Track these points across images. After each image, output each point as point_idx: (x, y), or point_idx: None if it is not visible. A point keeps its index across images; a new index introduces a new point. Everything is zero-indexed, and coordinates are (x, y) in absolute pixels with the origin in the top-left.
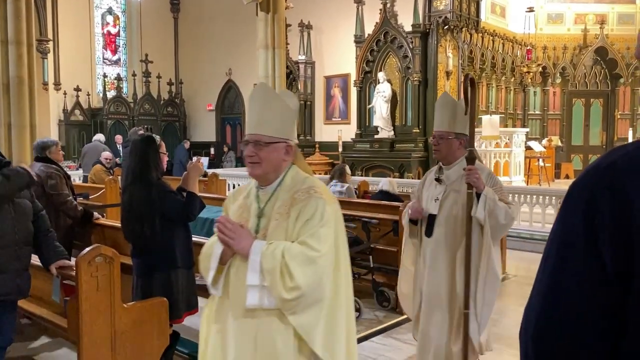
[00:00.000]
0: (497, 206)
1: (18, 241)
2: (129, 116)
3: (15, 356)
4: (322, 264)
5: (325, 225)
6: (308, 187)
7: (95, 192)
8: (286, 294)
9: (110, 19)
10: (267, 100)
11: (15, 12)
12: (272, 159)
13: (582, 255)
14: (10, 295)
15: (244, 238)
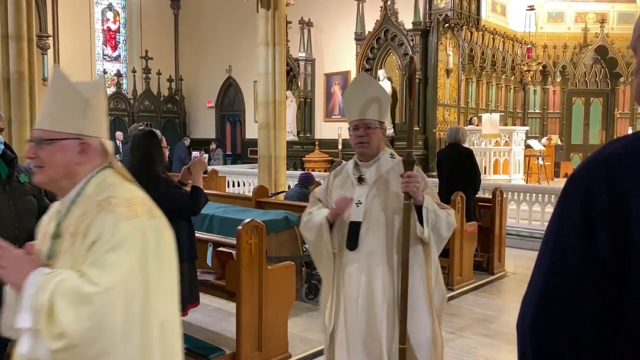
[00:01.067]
0: (439, 218)
1: (20, 238)
2: (129, 113)
3: None
4: (102, 304)
5: (116, 249)
6: (105, 197)
7: None
8: (52, 343)
9: (111, 15)
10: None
11: (16, 7)
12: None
13: (579, 248)
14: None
15: (19, 267)
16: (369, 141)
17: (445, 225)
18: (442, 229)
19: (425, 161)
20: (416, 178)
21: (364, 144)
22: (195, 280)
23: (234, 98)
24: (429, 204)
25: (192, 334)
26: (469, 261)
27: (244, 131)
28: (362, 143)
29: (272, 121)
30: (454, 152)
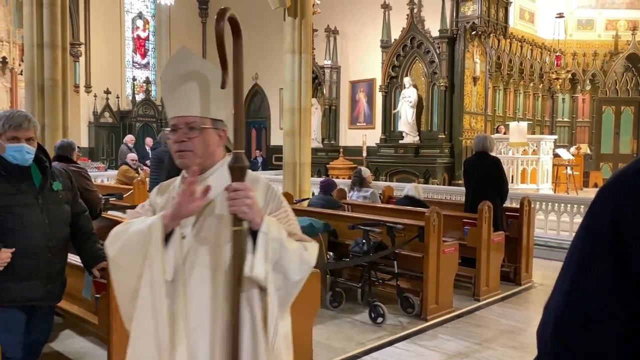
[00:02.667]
0: (286, 251)
1: (51, 247)
2: (157, 119)
3: (46, 352)
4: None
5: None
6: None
7: (124, 193)
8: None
9: (140, 23)
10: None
11: (51, 16)
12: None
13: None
14: (41, 301)
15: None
16: (192, 148)
17: (296, 264)
18: (291, 268)
19: (452, 169)
20: (247, 192)
21: (184, 152)
22: None
23: (259, 105)
24: (271, 230)
25: None
26: (495, 271)
27: (269, 138)
28: (181, 151)
29: (298, 128)
30: (481, 161)
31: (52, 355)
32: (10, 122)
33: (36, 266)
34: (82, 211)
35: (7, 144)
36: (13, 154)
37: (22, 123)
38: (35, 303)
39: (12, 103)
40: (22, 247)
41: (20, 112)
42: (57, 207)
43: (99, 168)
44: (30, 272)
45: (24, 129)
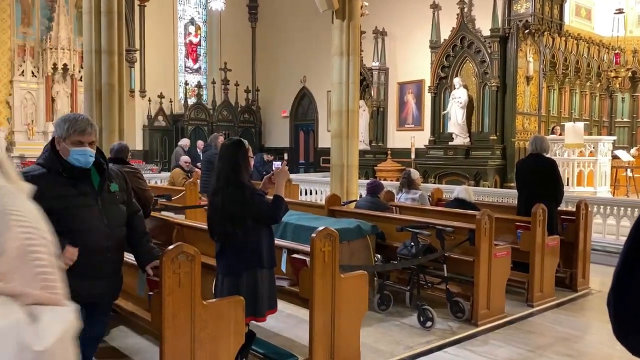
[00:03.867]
0: None
1: (110, 247)
2: (208, 122)
3: (102, 347)
4: None
5: None
6: None
7: (175, 194)
8: None
9: (192, 29)
10: None
11: (108, 24)
12: None
13: None
14: (100, 298)
15: None
16: None
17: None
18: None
19: (503, 171)
20: None
21: None
22: (274, 286)
23: (307, 108)
24: None
25: (266, 339)
26: (550, 277)
27: (317, 140)
28: None
29: (345, 130)
30: (536, 163)
31: (108, 350)
32: (76, 126)
33: (96, 265)
34: (136, 211)
35: (71, 147)
36: (77, 157)
37: (86, 128)
38: (95, 300)
39: (72, 107)
40: (84, 246)
41: (84, 117)
42: (115, 207)
43: (153, 170)
44: (91, 271)
45: (87, 134)
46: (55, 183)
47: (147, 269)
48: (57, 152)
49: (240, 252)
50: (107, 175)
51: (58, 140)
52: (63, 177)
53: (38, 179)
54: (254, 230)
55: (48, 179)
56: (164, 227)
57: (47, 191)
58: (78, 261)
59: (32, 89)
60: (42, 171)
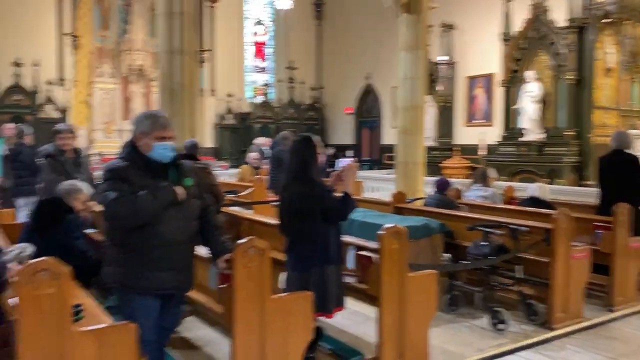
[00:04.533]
0: None
1: (184, 240)
2: (274, 120)
3: (174, 337)
4: None
5: None
6: None
7: (244, 190)
8: None
9: (260, 28)
10: None
11: (181, 25)
12: None
13: None
14: (174, 290)
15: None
16: None
17: None
18: None
19: (580, 169)
20: None
21: None
22: (342, 283)
23: (372, 104)
24: None
25: (334, 335)
26: (633, 281)
27: (381, 137)
28: None
29: (411, 126)
30: (617, 159)
31: (179, 341)
32: (158, 122)
33: (171, 257)
34: (208, 205)
35: (154, 142)
36: (160, 152)
37: (168, 123)
38: (169, 291)
39: (146, 107)
40: (160, 239)
41: (163, 113)
42: (189, 201)
43: (223, 167)
44: (166, 263)
45: (169, 129)
46: (137, 175)
47: (218, 262)
48: (137, 148)
49: (309, 248)
50: (182, 170)
51: (139, 136)
52: (143, 171)
53: (124, 169)
54: (322, 226)
55: (131, 172)
56: (233, 222)
57: (131, 177)
58: (154, 254)
59: (110, 90)
60: (126, 164)
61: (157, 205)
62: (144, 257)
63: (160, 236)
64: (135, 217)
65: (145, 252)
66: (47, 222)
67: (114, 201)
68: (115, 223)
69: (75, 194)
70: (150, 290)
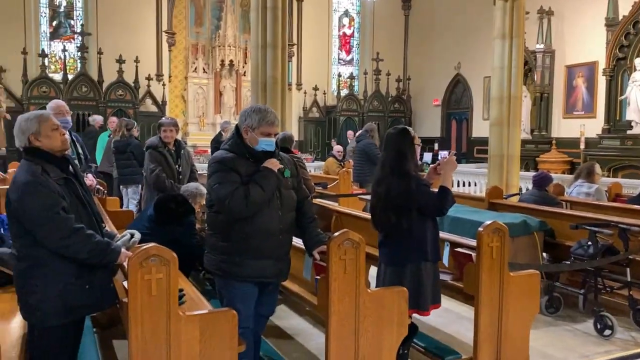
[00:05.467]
0: None
1: (282, 230)
2: (359, 113)
3: (267, 325)
4: None
5: None
6: None
7: (330, 183)
8: None
9: (346, 20)
10: None
11: (273, 19)
12: None
13: None
14: (272, 278)
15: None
16: None
17: None
18: None
19: None
20: None
21: None
22: (438, 281)
23: (461, 95)
24: None
25: (428, 333)
26: None
27: (471, 129)
28: None
29: (506, 118)
30: None
31: (273, 329)
32: (266, 119)
33: (270, 247)
34: (305, 196)
35: (260, 137)
36: (264, 147)
37: (275, 121)
38: (266, 280)
39: (237, 101)
40: (260, 229)
41: (271, 109)
42: (288, 192)
43: (308, 159)
44: (264, 252)
45: (275, 126)
46: (242, 165)
47: (314, 253)
48: (242, 139)
49: (405, 244)
50: (282, 162)
51: (246, 129)
52: (249, 161)
53: (232, 159)
54: (418, 221)
55: (236, 163)
56: (323, 214)
57: (238, 167)
58: (254, 242)
59: (203, 84)
60: (232, 155)
61: (267, 197)
62: (245, 245)
63: (260, 226)
64: (247, 209)
65: (246, 241)
66: (171, 217)
67: (226, 194)
68: (228, 214)
69: (199, 197)
70: (250, 278)
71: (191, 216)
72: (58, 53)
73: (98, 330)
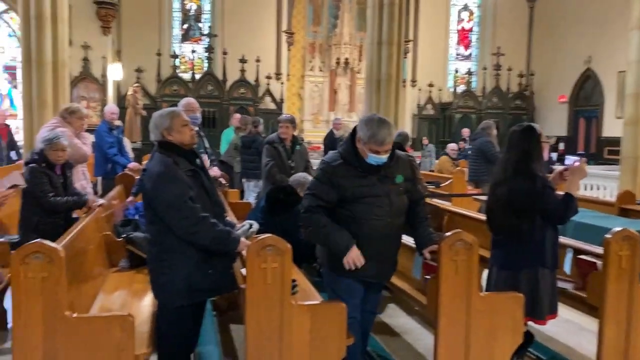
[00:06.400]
0: None
1: (389, 235)
2: (477, 110)
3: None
4: None
5: None
6: None
7: (443, 182)
8: None
9: (465, 14)
10: None
11: (390, 16)
12: None
13: None
14: (373, 278)
15: None
16: None
17: None
18: None
19: None
20: None
21: None
22: (556, 289)
23: (591, 91)
24: None
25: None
26: None
27: (601, 128)
28: None
29: None
30: None
31: (380, 325)
32: (376, 138)
33: (374, 250)
34: (419, 198)
35: (369, 153)
36: (373, 162)
37: (385, 139)
38: (368, 280)
39: (350, 98)
40: (366, 234)
41: (385, 127)
42: (398, 198)
43: (418, 157)
44: (369, 254)
45: (385, 144)
46: (349, 174)
47: (424, 252)
48: (355, 147)
49: (522, 248)
50: (396, 166)
51: (359, 138)
52: (357, 170)
53: (337, 169)
54: (539, 225)
55: (344, 170)
56: (435, 214)
57: (342, 179)
58: (359, 244)
59: (319, 82)
60: (340, 162)
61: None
62: None
63: (367, 231)
64: (315, 237)
65: None
66: (279, 207)
67: (309, 207)
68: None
69: (305, 186)
70: (353, 277)
71: (299, 205)
72: (187, 54)
73: (217, 314)
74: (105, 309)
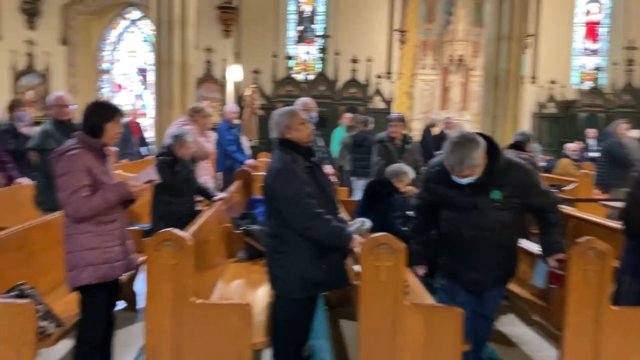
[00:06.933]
0: None
1: (482, 247)
2: (605, 109)
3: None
4: None
5: None
6: None
7: (565, 185)
8: None
9: (593, 6)
10: None
11: (511, 9)
12: None
13: None
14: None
15: None
16: None
17: None
18: None
19: None
20: None
21: None
22: None
23: None
24: None
25: None
26: None
27: None
28: None
29: None
30: None
31: (496, 335)
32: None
33: (466, 258)
34: (543, 204)
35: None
36: (455, 181)
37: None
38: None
39: (463, 96)
40: (457, 241)
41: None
42: (494, 213)
43: (544, 158)
44: (461, 261)
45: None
46: (442, 181)
47: (549, 260)
48: None
49: None
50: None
51: None
52: (450, 179)
53: (433, 174)
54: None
55: (439, 177)
56: None
57: (435, 185)
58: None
59: (430, 81)
60: (438, 169)
61: None
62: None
63: (457, 237)
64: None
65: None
66: (375, 200)
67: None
68: None
69: (400, 176)
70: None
71: (395, 195)
72: (301, 55)
73: (328, 309)
74: (225, 297)
